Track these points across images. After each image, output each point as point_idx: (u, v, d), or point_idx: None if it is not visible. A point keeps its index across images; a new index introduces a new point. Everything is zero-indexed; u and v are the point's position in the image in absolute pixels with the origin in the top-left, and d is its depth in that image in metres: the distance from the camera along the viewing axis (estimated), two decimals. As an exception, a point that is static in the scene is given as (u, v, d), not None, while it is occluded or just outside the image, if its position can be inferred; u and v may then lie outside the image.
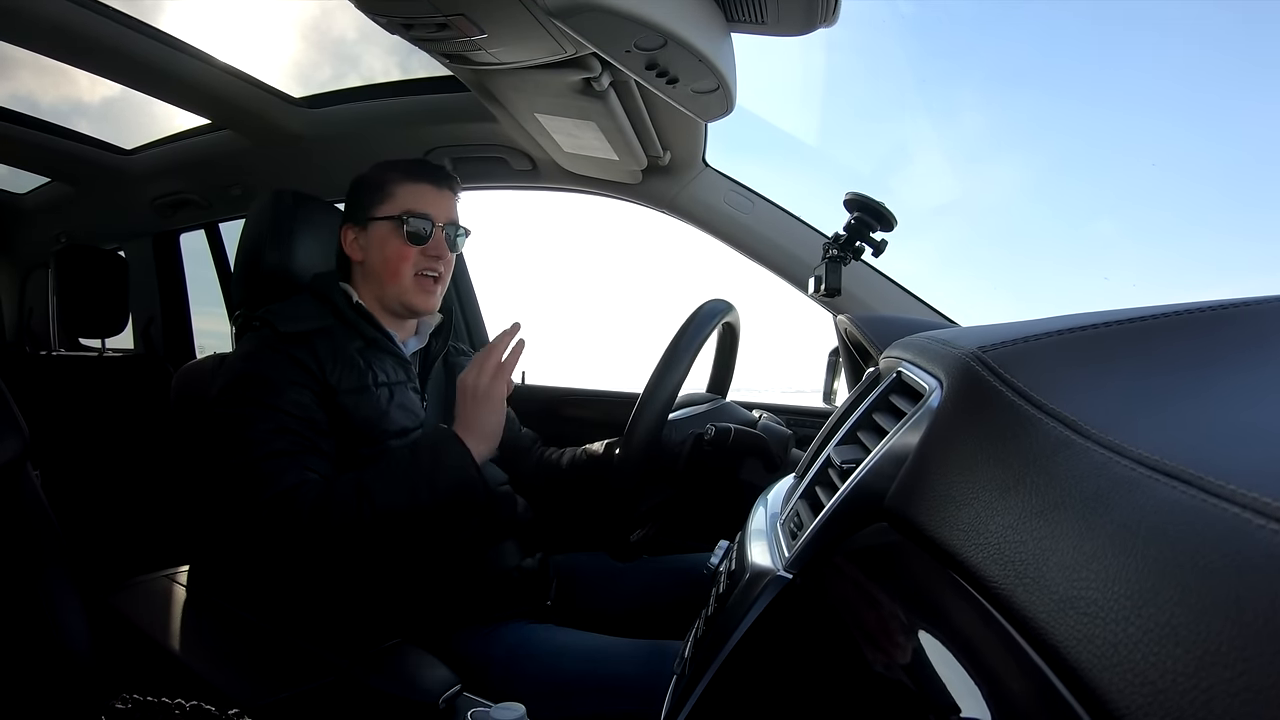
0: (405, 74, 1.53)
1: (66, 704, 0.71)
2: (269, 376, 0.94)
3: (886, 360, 0.54)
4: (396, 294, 1.07)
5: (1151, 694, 0.19)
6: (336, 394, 0.97)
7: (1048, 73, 13.05)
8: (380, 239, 1.07)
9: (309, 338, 0.99)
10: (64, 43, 1.25)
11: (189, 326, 2.41)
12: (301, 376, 0.96)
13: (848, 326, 1.00)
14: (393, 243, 1.06)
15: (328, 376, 0.97)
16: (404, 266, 1.06)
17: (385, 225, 1.06)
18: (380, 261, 1.07)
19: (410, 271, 1.06)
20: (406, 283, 1.06)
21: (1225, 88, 12.47)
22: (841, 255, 1.14)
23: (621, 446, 0.95)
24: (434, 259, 1.07)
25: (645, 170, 1.43)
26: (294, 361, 0.96)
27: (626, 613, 1.15)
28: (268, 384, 0.94)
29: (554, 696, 0.89)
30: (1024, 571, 0.26)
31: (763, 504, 0.67)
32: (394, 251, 1.06)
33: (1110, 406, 0.30)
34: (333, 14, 1.55)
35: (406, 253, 1.06)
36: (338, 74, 1.61)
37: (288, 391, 0.94)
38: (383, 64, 1.57)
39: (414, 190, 1.07)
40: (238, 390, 0.94)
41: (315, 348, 0.98)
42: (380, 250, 1.07)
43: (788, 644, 0.45)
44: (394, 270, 1.06)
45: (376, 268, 1.07)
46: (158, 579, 1.09)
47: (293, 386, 0.95)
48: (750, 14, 0.87)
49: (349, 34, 1.57)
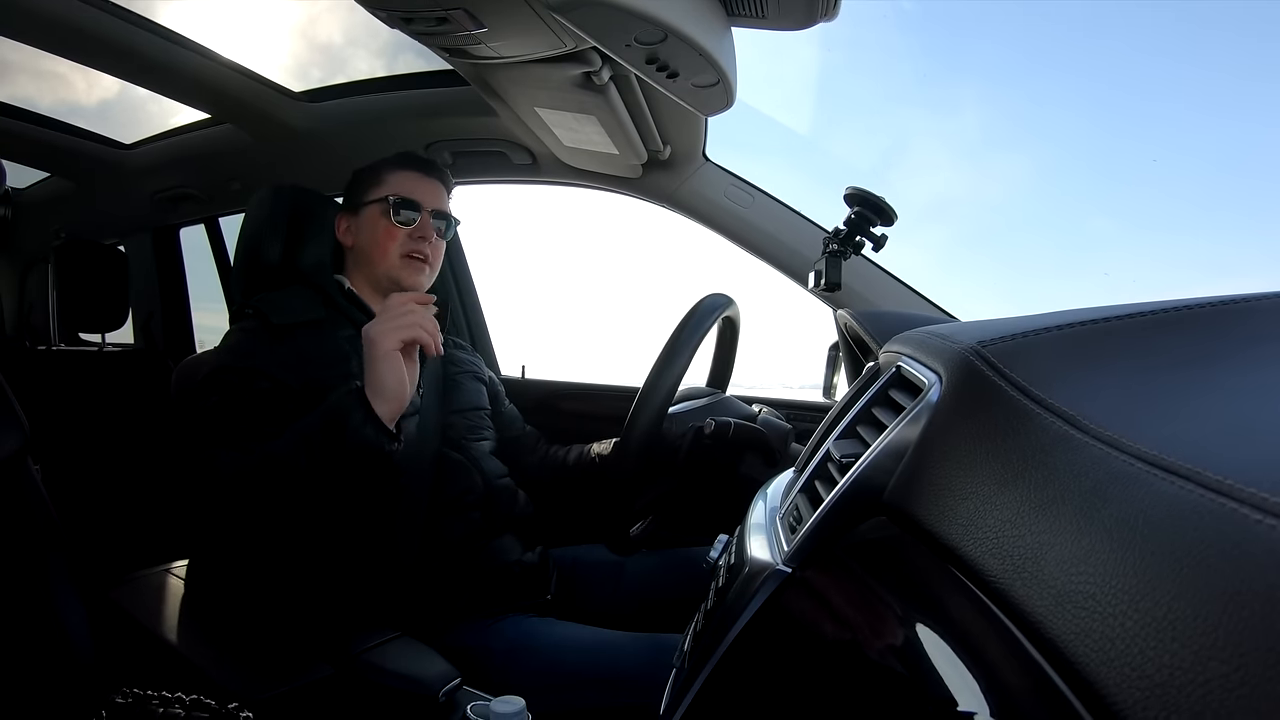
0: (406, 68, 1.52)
1: (67, 698, 0.71)
2: (246, 368, 0.95)
3: (886, 355, 0.54)
4: (385, 271, 1.09)
5: (1150, 688, 0.19)
6: (319, 387, 0.95)
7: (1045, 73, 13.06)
8: (370, 222, 1.09)
9: (294, 331, 0.99)
10: (64, 38, 1.25)
11: (189, 321, 2.41)
12: (277, 371, 0.95)
13: (847, 321, 1.00)
14: (381, 224, 1.08)
15: (308, 370, 0.97)
16: (391, 246, 1.08)
17: (374, 208, 1.09)
18: (369, 242, 1.09)
19: (397, 251, 1.08)
20: (394, 260, 1.09)
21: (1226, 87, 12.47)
22: (841, 250, 1.13)
23: (621, 440, 0.95)
24: (420, 240, 1.09)
25: (645, 164, 1.42)
26: (273, 355, 0.96)
27: (626, 606, 1.15)
28: (242, 374, 0.94)
29: (554, 690, 0.89)
30: (1022, 566, 0.26)
31: (762, 498, 0.67)
32: (382, 232, 1.08)
33: (1109, 402, 0.30)
34: (333, 8, 1.54)
35: (394, 233, 1.08)
36: (336, 69, 1.61)
37: (258, 382, 0.94)
38: (383, 62, 1.57)
39: (403, 176, 1.10)
40: (214, 380, 0.95)
41: (299, 342, 0.99)
42: (370, 232, 1.09)
43: (787, 637, 0.45)
44: (382, 249, 1.08)
45: (366, 249, 1.10)
46: (158, 573, 1.09)
47: (262, 377, 0.94)
48: (751, 8, 0.86)
49: (349, 30, 1.57)
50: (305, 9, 1.55)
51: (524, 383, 1.80)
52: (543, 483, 1.24)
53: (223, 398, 0.93)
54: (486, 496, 1.09)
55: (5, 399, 0.74)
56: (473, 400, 1.20)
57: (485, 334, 1.95)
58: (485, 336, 1.94)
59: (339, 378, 0.98)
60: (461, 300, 1.92)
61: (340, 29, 1.55)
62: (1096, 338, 0.36)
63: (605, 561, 1.20)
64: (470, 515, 1.05)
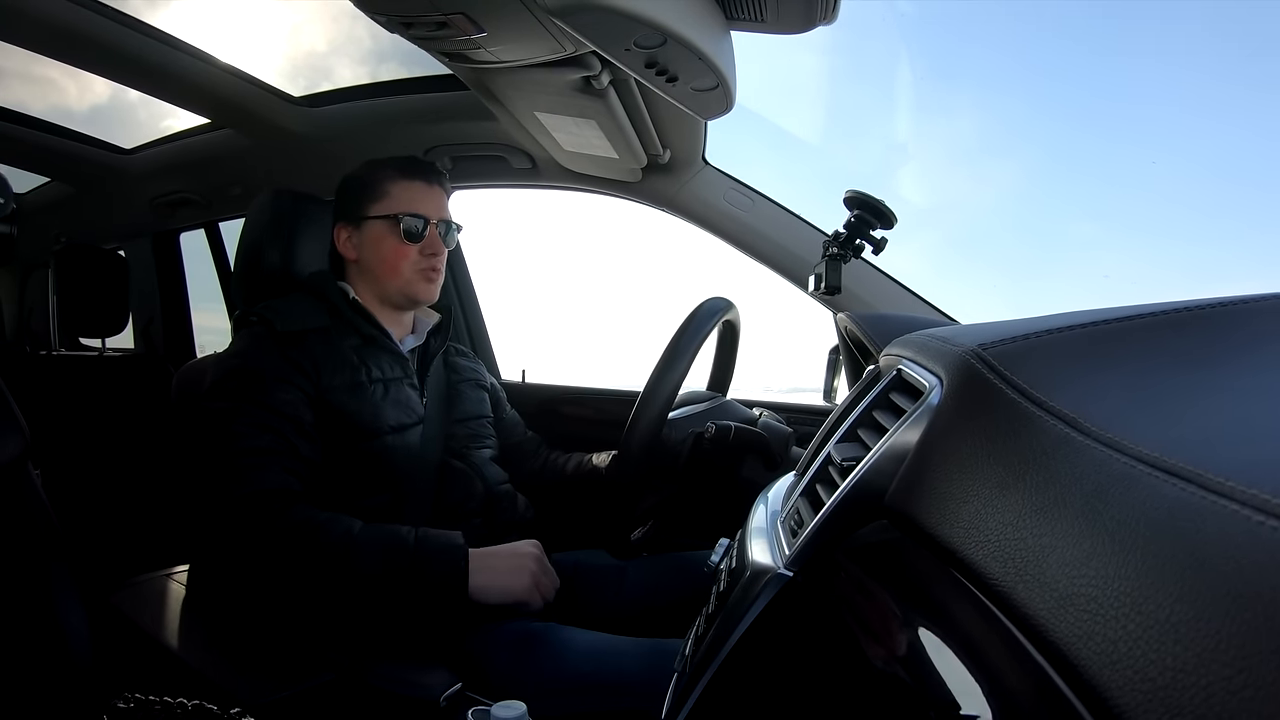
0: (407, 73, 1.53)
1: (68, 703, 0.71)
2: (259, 372, 0.95)
3: (886, 358, 0.54)
4: (399, 287, 1.09)
5: (1152, 690, 0.19)
6: (329, 394, 0.97)
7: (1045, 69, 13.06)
8: (376, 238, 1.08)
9: (304, 337, 0.99)
10: (63, 43, 1.25)
11: (189, 326, 2.41)
12: (293, 375, 0.96)
13: (848, 324, 1.00)
14: (389, 241, 1.07)
15: (321, 378, 0.98)
16: (403, 264, 1.08)
17: (381, 224, 1.08)
18: (378, 260, 1.09)
19: (410, 268, 1.08)
20: (408, 276, 1.09)
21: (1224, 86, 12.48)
22: (841, 253, 1.14)
23: (622, 445, 0.95)
24: (432, 256, 1.09)
25: (645, 168, 1.43)
26: (287, 360, 0.96)
27: (627, 611, 1.15)
28: (257, 379, 0.94)
29: (555, 694, 0.89)
30: (1024, 569, 0.26)
31: (763, 502, 0.67)
32: (391, 250, 1.08)
33: (1110, 404, 0.30)
34: (334, 14, 1.54)
35: (405, 251, 1.08)
36: (337, 73, 1.61)
37: (276, 389, 0.94)
38: (387, 65, 1.57)
39: (408, 189, 1.09)
40: (227, 385, 0.95)
41: (310, 347, 0.99)
42: (376, 249, 1.08)
43: (788, 641, 0.45)
44: (393, 268, 1.08)
45: (373, 266, 1.09)
46: (158, 578, 1.09)
47: (282, 384, 0.95)
48: (750, 12, 0.87)
49: (350, 33, 1.57)
50: (306, 13, 1.56)
51: (525, 387, 1.80)
52: (543, 489, 1.24)
53: (234, 404, 0.93)
54: (488, 502, 1.09)
55: (6, 404, 0.74)
56: (475, 409, 1.20)
57: (486, 339, 1.95)
58: (486, 342, 1.95)
59: (351, 385, 0.99)
60: (462, 305, 1.92)
61: (340, 34, 1.55)
62: (1097, 340, 0.36)
63: (606, 566, 1.20)
64: (472, 521, 1.05)
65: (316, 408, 0.97)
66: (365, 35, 0.97)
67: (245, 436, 0.90)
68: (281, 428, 0.93)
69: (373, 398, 1.01)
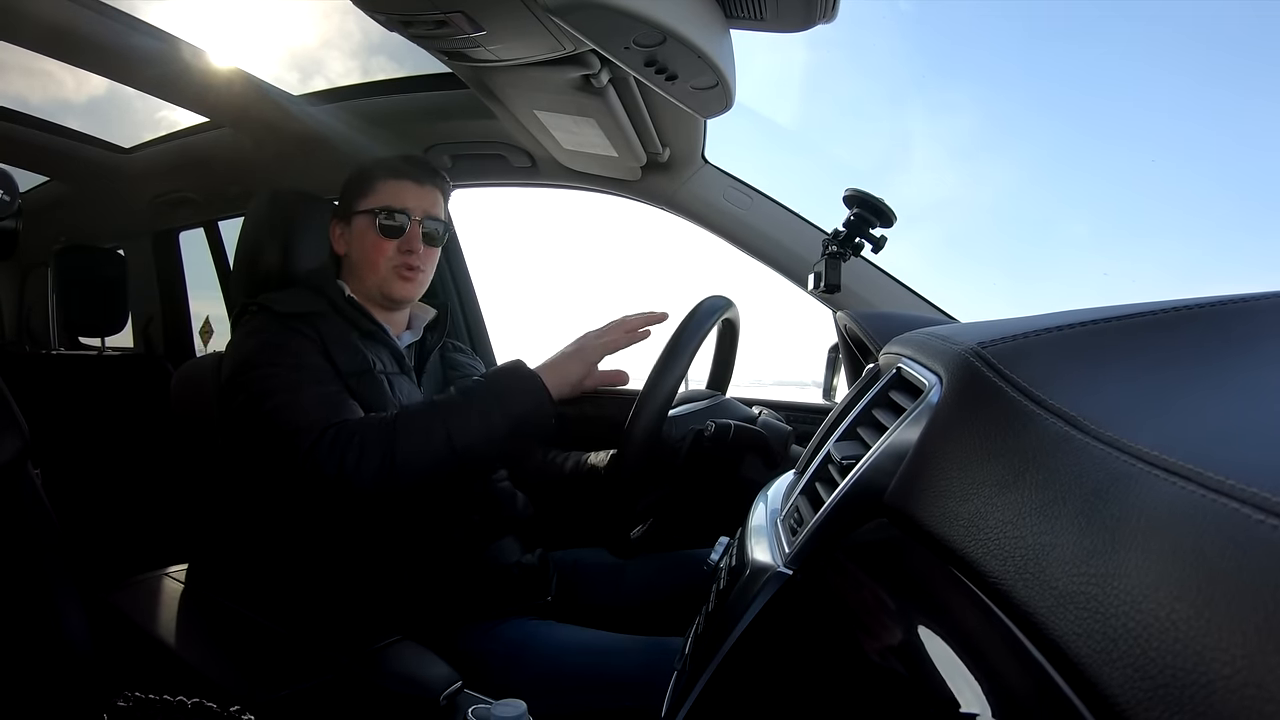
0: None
1: (68, 702, 0.71)
2: (282, 344, 0.96)
3: (886, 356, 0.54)
4: (376, 284, 1.09)
5: (1152, 688, 0.19)
6: (343, 375, 0.98)
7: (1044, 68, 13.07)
8: (360, 233, 1.09)
9: (310, 318, 1.00)
10: (62, 41, 1.25)
11: (189, 325, 2.41)
12: (307, 344, 0.97)
13: (847, 323, 1.00)
14: (369, 236, 1.08)
15: (333, 356, 0.98)
16: (380, 259, 1.08)
17: (363, 219, 1.08)
18: (360, 255, 1.09)
19: (387, 264, 1.08)
20: (384, 273, 1.08)
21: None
22: (841, 251, 1.14)
23: (621, 443, 0.95)
24: (408, 254, 1.08)
25: (644, 167, 1.43)
26: (296, 331, 0.97)
27: (627, 609, 1.15)
28: (282, 349, 0.95)
29: (555, 693, 0.89)
30: (1024, 567, 0.26)
31: (763, 500, 0.67)
32: (371, 245, 1.08)
33: (1110, 402, 0.30)
34: (329, 12, 1.54)
35: (383, 246, 1.07)
36: (336, 72, 1.60)
37: (298, 352, 0.95)
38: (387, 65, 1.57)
39: (394, 186, 1.09)
40: (252, 359, 0.95)
41: (315, 325, 0.99)
42: (360, 244, 1.09)
43: (788, 640, 0.45)
44: (371, 263, 1.08)
45: (356, 260, 1.10)
46: (157, 577, 1.09)
47: (301, 348, 0.96)
48: (749, 10, 0.86)
49: (350, 33, 1.57)
50: (305, 12, 1.55)
51: None
52: (542, 486, 1.24)
53: (264, 372, 0.93)
54: (486, 499, 1.09)
55: (5, 403, 0.74)
56: None
57: (485, 336, 1.95)
58: (485, 338, 1.94)
59: (361, 372, 1.00)
60: (460, 302, 1.92)
61: (339, 32, 1.55)
62: (1097, 338, 0.36)
63: (606, 564, 1.20)
64: (470, 518, 1.05)
65: (336, 379, 0.97)
66: (355, 29, 0.96)
67: (293, 388, 0.91)
68: (317, 377, 0.94)
69: (383, 388, 1.01)
